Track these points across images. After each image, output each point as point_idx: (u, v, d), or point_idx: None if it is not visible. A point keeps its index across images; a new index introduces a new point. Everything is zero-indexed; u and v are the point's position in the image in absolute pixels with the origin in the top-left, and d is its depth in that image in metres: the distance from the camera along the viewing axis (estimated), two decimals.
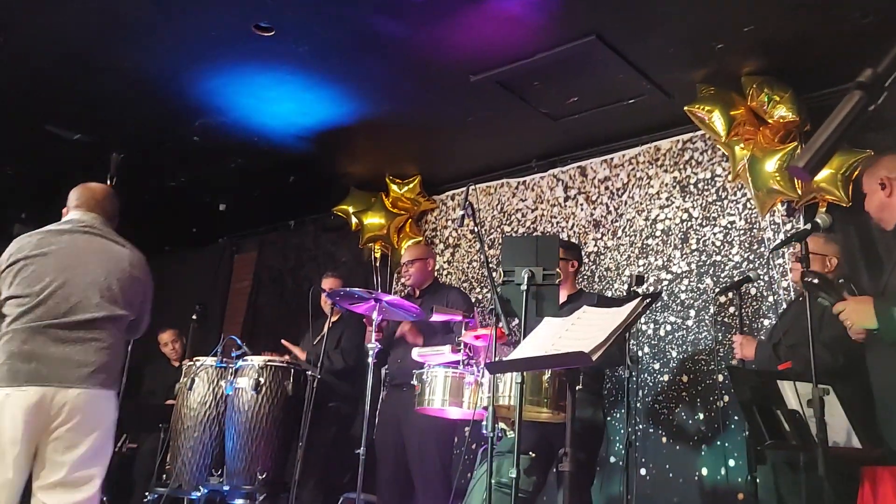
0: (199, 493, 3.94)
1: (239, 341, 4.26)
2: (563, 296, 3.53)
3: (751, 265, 4.13)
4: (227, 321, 7.01)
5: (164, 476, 4.11)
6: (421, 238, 5.80)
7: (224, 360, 4.15)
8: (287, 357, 4.43)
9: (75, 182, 3.05)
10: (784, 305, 3.86)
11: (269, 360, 4.10)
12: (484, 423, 2.96)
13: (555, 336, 2.35)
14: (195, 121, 5.00)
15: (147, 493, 4.26)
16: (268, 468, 3.88)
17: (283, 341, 4.67)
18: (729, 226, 4.31)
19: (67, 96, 4.77)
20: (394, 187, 5.74)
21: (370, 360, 3.64)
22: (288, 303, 6.48)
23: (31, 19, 3.94)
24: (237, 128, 5.07)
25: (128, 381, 4.93)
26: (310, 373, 4.04)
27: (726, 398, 4.00)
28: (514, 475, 2.65)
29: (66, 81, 4.58)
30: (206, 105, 4.78)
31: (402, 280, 4.52)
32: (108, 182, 5.30)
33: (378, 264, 5.91)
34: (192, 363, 4.21)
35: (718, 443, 3.95)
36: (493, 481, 2.86)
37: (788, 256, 3.90)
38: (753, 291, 4.09)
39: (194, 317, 5.19)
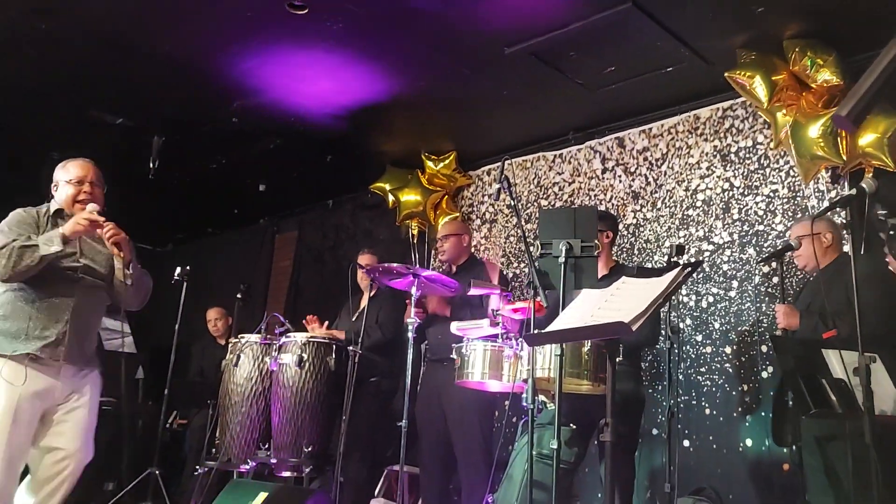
0: (247, 466, 4.04)
1: (282, 318, 4.34)
2: (601, 270, 3.52)
3: None
4: (270, 299, 7.14)
5: (214, 450, 4.23)
6: (458, 214, 5.81)
7: (268, 336, 4.24)
8: (332, 332, 4.51)
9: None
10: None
11: (312, 337, 4.17)
12: (524, 395, 2.98)
13: (594, 307, 2.35)
14: (233, 103, 5.06)
15: (198, 467, 4.40)
16: (313, 442, 3.96)
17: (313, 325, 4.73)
18: (772, 194, 4.23)
19: (109, 81, 4.86)
20: (429, 164, 5.75)
21: (410, 334, 3.67)
22: (328, 280, 6.58)
23: (72, 6, 4.01)
24: (274, 108, 5.12)
25: (176, 360, 5.09)
26: (351, 348, 4.10)
27: (770, 369, 3.95)
28: (555, 446, 2.67)
29: (107, 66, 4.67)
30: (243, 86, 4.83)
31: (439, 256, 4.53)
32: (151, 165, 5.43)
33: (415, 241, 5.94)
34: (237, 340, 4.31)
35: (762, 414, 3.92)
36: (534, 452, 2.88)
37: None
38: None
39: (238, 296, 5.30)
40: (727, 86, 4.09)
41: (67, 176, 3.01)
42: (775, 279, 4.04)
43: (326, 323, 4.69)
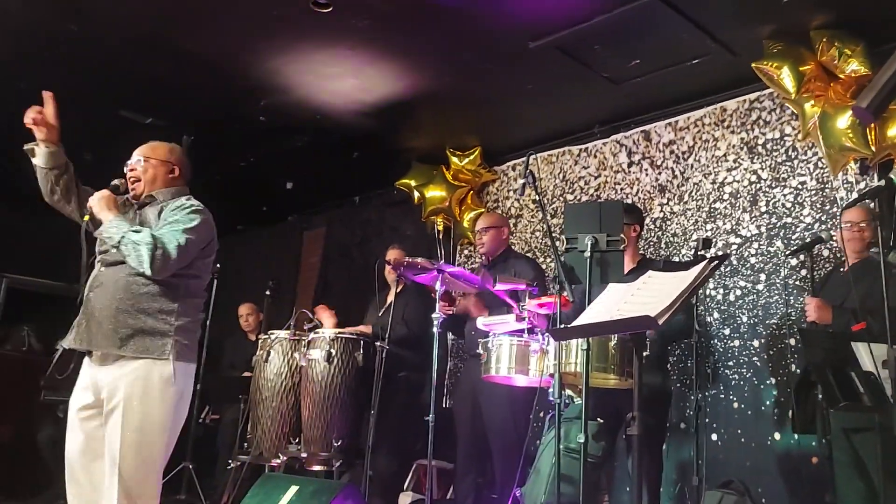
0: (278, 460, 4.11)
1: (310, 314, 4.40)
2: (628, 264, 3.51)
3: (823, 226, 4.01)
4: (299, 295, 7.22)
5: (246, 445, 4.31)
6: (483, 210, 5.83)
7: (297, 332, 4.30)
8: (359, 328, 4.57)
9: None
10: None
11: (340, 332, 4.22)
12: (551, 390, 3.00)
13: (620, 301, 2.36)
14: (260, 101, 5.13)
15: (230, 461, 4.49)
16: (343, 436, 4.01)
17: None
18: (800, 186, 4.19)
19: (138, 82, 4.95)
20: (454, 159, 5.77)
21: (435, 329, 3.70)
22: (356, 276, 6.63)
23: (103, 8, 4.10)
24: (300, 106, 5.17)
25: (208, 355, 5.18)
26: (378, 343, 4.15)
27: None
28: (582, 440, 2.68)
29: (137, 67, 4.75)
30: (269, 85, 4.88)
31: (478, 249, 4.49)
32: None
33: (441, 237, 5.97)
34: (266, 337, 4.37)
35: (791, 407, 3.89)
36: (561, 447, 2.90)
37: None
38: (826, 253, 3.98)
39: (268, 292, 5.37)
40: (754, 77, 4.05)
41: None
42: (803, 272, 4.00)
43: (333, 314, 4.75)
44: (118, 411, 2.51)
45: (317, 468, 4.13)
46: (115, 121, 5.40)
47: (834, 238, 3.88)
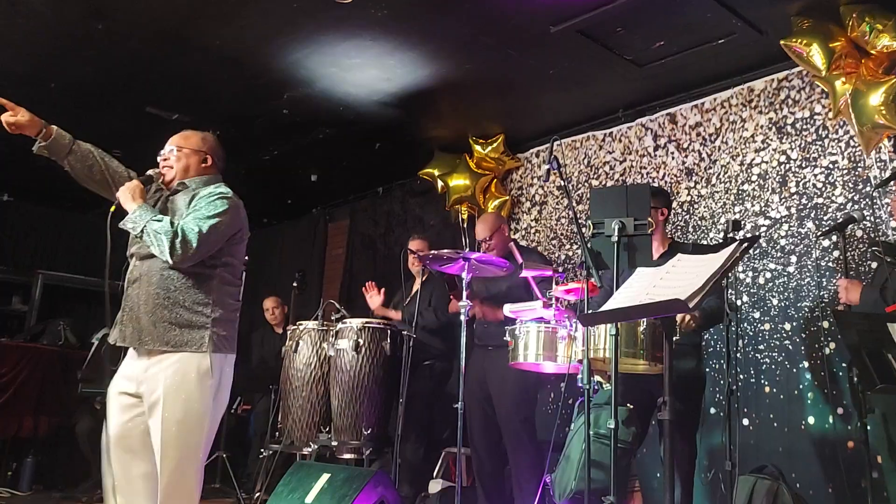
0: (309, 449, 4.16)
1: (337, 305, 4.43)
2: (658, 249, 3.47)
3: (855, 206, 3.94)
4: (325, 286, 7.27)
5: (277, 434, 4.36)
6: (506, 196, 5.80)
7: (325, 323, 4.34)
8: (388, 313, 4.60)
9: None
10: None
11: (367, 322, 4.25)
12: (579, 376, 2.98)
13: (649, 285, 2.34)
14: (283, 94, 5.15)
15: (262, 450, 4.55)
16: (372, 424, 4.05)
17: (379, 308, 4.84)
18: (831, 166, 4.11)
19: (164, 77, 4.99)
20: (477, 148, 5.74)
21: (463, 317, 3.70)
22: (381, 266, 6.66)
23: (127, 5, 4.13)
24: (323, 98, 5.18)
25: (237, 348, 5.24)
26: (405, 332, 4.16)
27: (832, 345, 3.86)
28: (612, 426, 2.67)
29: (162, 63, 4.79)
30: (292, 77, 4.90)
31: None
32: None
33: (465, 225, 5.95)
34: (295, 328, 4.41)
35: (825, 391, 3.84)
36: (591, 432, 2.89)
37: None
38: (859, 233, 3.91)
39: (295, 284, 5.41)
40: (781, 56, 3.98)
41: None
42: (836, 253, 3.93)
43: (383, 290, 4.80)
44: (159, 406, 2.51)
45: (347, 456, 4.17)
46: (142, 117, 5.46)
47: (867, 218, 3.81)
